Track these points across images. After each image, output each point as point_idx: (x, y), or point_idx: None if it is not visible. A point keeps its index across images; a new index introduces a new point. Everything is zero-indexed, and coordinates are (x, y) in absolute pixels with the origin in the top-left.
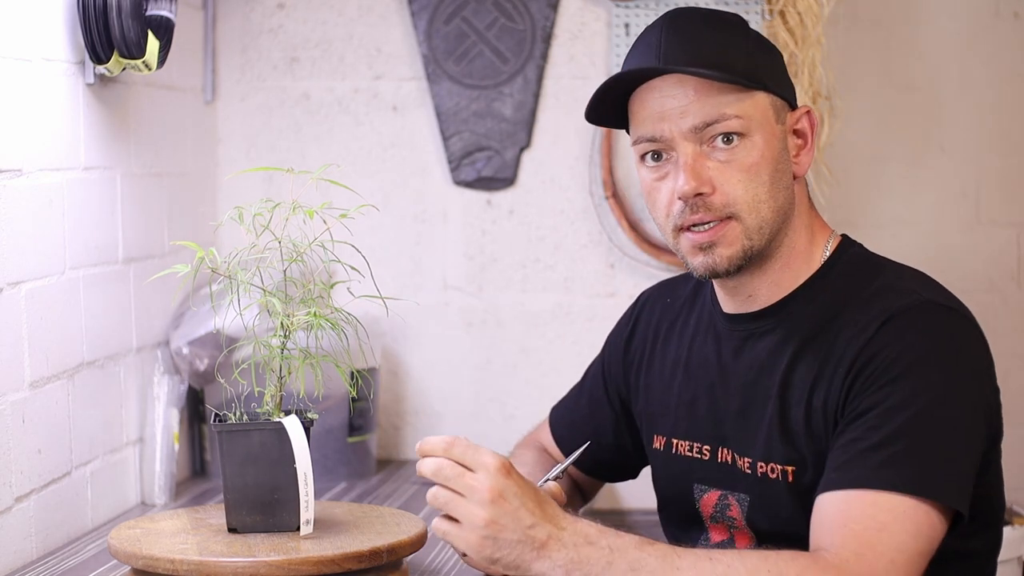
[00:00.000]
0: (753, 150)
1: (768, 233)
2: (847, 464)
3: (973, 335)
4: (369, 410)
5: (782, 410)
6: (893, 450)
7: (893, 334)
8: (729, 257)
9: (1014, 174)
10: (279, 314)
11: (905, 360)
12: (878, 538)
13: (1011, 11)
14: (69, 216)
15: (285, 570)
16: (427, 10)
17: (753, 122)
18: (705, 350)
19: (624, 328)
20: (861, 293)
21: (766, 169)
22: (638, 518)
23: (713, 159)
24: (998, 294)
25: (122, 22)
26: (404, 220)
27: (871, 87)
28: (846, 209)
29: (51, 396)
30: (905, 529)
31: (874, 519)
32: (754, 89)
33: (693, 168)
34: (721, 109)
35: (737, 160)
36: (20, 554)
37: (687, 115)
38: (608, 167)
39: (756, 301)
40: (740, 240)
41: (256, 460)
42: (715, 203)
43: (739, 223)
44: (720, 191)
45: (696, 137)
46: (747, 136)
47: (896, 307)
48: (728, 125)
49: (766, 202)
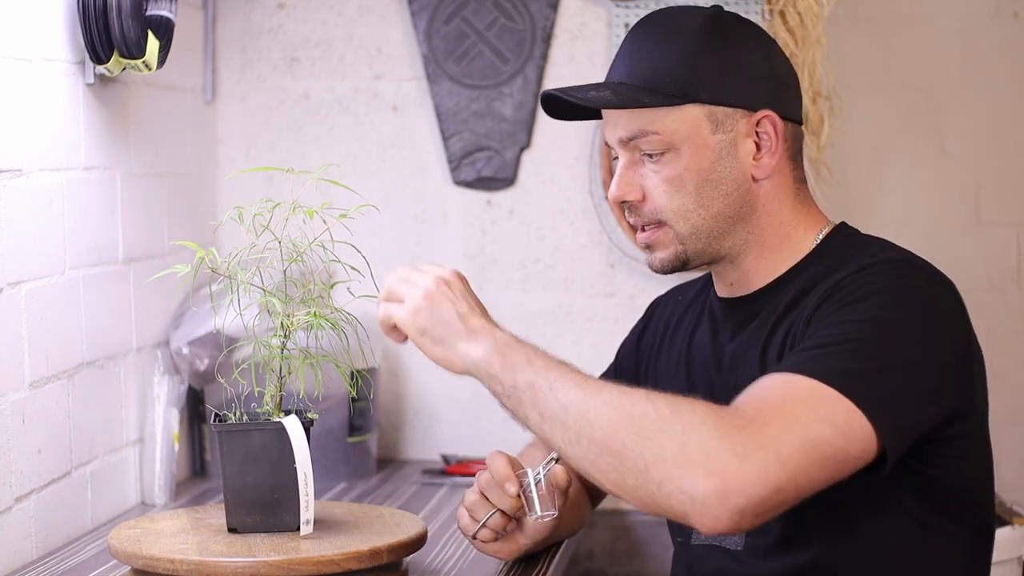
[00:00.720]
0: (676, 163)
1: (706, 237)
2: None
3: (947, 294)
4: (369, 410)
5: (763, 371)
6: (830, 350)
7: (860, 276)
8: (662, 259)
9: (1014, 174)
10: (279, 314)
11: (867, 289)
12: (780, 406)
13: (1011, 11)
14: (69, 216)
15: (285, 570)
16: (427, 10)
17: (677, 136)
18: (704, 336)
19: (638, 325)
20: (846, 262)
21: (691, 180)
22: (638, 518)
23: (647, 168)
24: (998, 294)
25: (122, 22)
26: (404, 220)
27: (871, 87)
28: (846, 209)
29: (51, 396)
30: (816, 411)
31: (790, 392)
32: (683, 103)
33: (622, 176)
34: (641, 126)
35: (661, 172)
36: (20, 554)
37: (616, 127)
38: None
39: (740, 287)
40: (673, 244)
41: (256, 460)
42: (644, 210)
43: (671, 228)
44: (649, 199)
45: (628, 147)
46: (672, 150)
47: (868, 261)
48: (647, 142)
49: (695, 211)
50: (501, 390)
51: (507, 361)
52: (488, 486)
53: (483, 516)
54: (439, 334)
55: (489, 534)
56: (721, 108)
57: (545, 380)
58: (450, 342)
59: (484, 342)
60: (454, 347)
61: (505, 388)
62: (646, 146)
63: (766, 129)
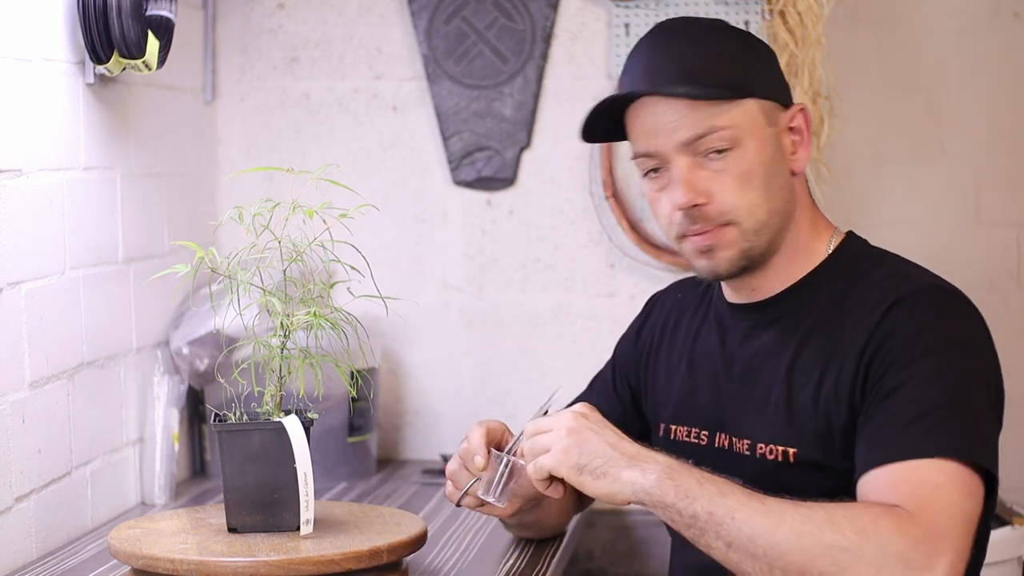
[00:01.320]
0: (745, 157)
1: (767, 234)
2: (887, 440)
3: (979, 318)
4: (369, 410)
5: (788, 394)
6: (931, 421)
7: (903, 315)
8: (729, 259)
9: (1014, 174)
10: (279, 314)
11: (922, 338)
12: (935, 495)
13: (1011, 11)
14: (69, 216)
15: (285, 570)
16: (427, 10)
17: (743, 130)
18: (710, 340)
19: (636, 322)
20: (866, 280)
21: (759, 174)
22: (638, 518)
23: (707, 169)
24: (998, 294)
25: (122, 22)
26: (404, 220)
27: (871, 87)
28: (846, 209)
29: (51, 396)
30: (958, 488)
31: (926, 481)
32: (741, 98)
33: (688, 180)
34: (710, 122)
35: (730, 169)
36: (20, 554)
37: (679, 130)
38: (608, 167)
39: (760, 293)
40: (739, 243)
41: (256, 460)
42: (711, 213)
43: (736, 228)
44: (715, 200)
45: (689, 149)
46: (738, 145)
47: (903, 290)
48: (719, 137)
49: (761, 206)
50: (679, 519)
51: (680, 489)
52: (466, 456)
53: (463, 485)
54: (598, 467)
55: (472, 500)
56: (768, 103)
57: (724, 508)
58: (613, 473)
59: (652, 469)
60: (618, 477)
61: (684, 518)
62: (716, 143)
63: (799, 123)
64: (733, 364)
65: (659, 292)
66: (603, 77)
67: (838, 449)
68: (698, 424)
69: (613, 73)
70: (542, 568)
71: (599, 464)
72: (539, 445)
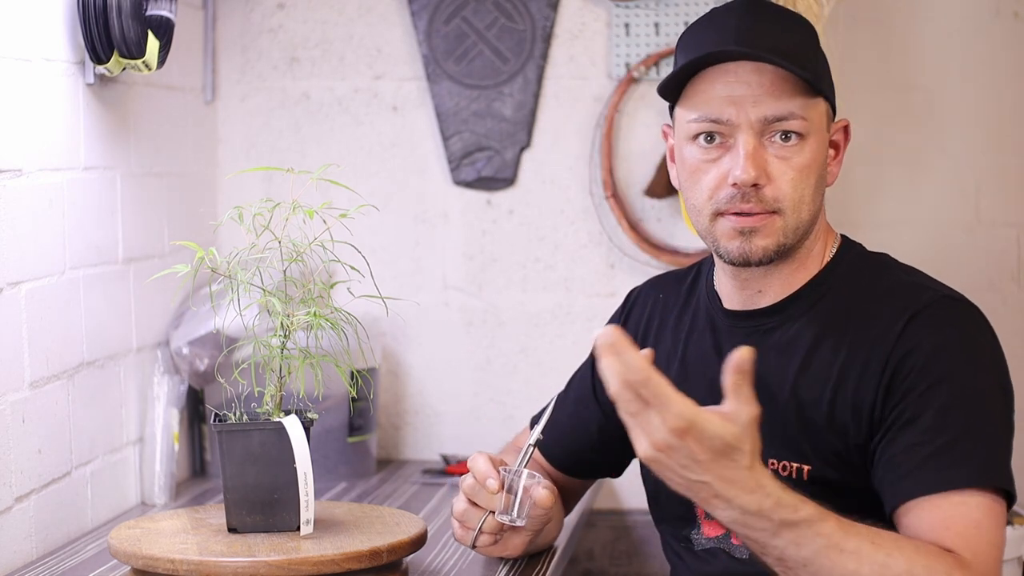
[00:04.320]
0: (808, 152)
1: (801, 234)
2: (921, 468)
3: (988, 326)
4: (369, 410)
5: (798, 409)
6: (962, 449)
7: (921, 332)
8: (764, 248)
9: (1014, 174)
10: (279, 314)
11: (942, 359)
12: (981, 537)
13: (1011, 11)
14: (69, 216)
15: (285, 570)
16: (427, 10)
17: (813, 125)
18: (703, 346)
19: (616, 318)
20: (874, 291)
21: (814, 173)
22: (638, 518)
23: (770, 153)
24: (998, 294)
25: (122, 22)
26: (404, 220)
27: (871, 87)
28: (846, 209)
29: (51, 396)
30: (994, 522)
31: (969, 518)
32: (817, 94)
33: (754, 158)
34: (791, 107)
35: (793, 159)
36: (20, 554)
37: (759, 105)
38: (608, 167)
39: (763, 298)
40: (778, 235)
41: (256, 460)
42: (766, 195)
43: (781, 219)
44: (773, 185)
45: (761, 128)
46: (806, 138)
47: (916, 305)
48: (794, 124)
49: (808, 204)
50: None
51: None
52: (473, 491)
53: (476, 523)
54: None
55: (488, 539)
56: (829, 107)
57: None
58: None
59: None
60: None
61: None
62: (793, 127)
63: (839, 138)
64: None
65: (638, 288)
66: (603, 77)
67: (853, 467)
68: None
69: (613, 73)
70: (542, 568)
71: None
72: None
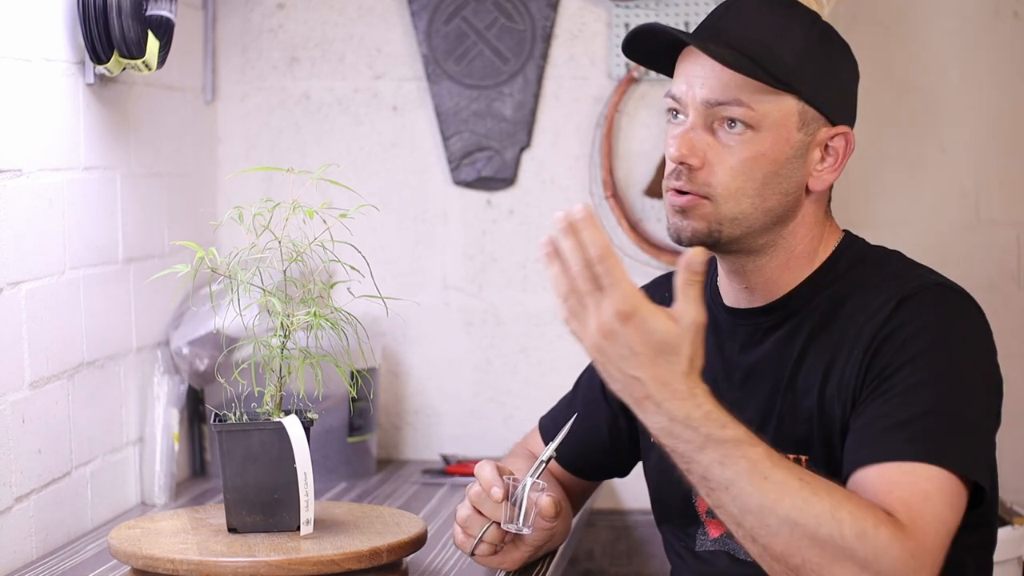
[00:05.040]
0: (757, 145)
1: (744, 227)
2: (878, 438)
3: (982, 317)
4: (369, 410)
5: (793, 401)
6: (923, 425)
7: (907, 314)
8: (693, 230)
9: (1014, 174)
10: (279, 314)
11: (923, 339)
12: (924, 506)
13: (1011, 11)
14: (69, 216)
15: (285, 570)
16: (427, 10)
17: (767, 119)
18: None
19: None
20: (870, 280)
21: (761, 168)
22: (638, 518)
23: (718, 138)
24: (998, 294)
25: (122, 22)
26: (404, 220)
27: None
28: (846, 209)
29: (51, 396)
30: (943, 500)
31: (917, 487)
32: (782, 90)
33: (687, 137)
34: (737, 94)
35: (736, 148)
36: (20, 554)
37: (705, 87)
38: (608, 167)
39: (755, 296)
40: (708, 220)
41: (256, 460)
42: (698, 178)
43: (712, 205)
44: (708, 169)
45: (706, 111)
46: (755, 130)
47: (908, 289)
48: (737, 112)
49: (750, 198)
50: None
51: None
52: (479, 499)
53: (478, 531)
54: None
55: (488, 548)
56: (811, 109)
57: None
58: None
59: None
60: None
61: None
62: (736, 114)
63: (837, 144)
64: (733, 370)
65: (642, 288)
66: (603, 77)
67: (839, 449)
68: None
69: (613, 73)
70: (542, 568)
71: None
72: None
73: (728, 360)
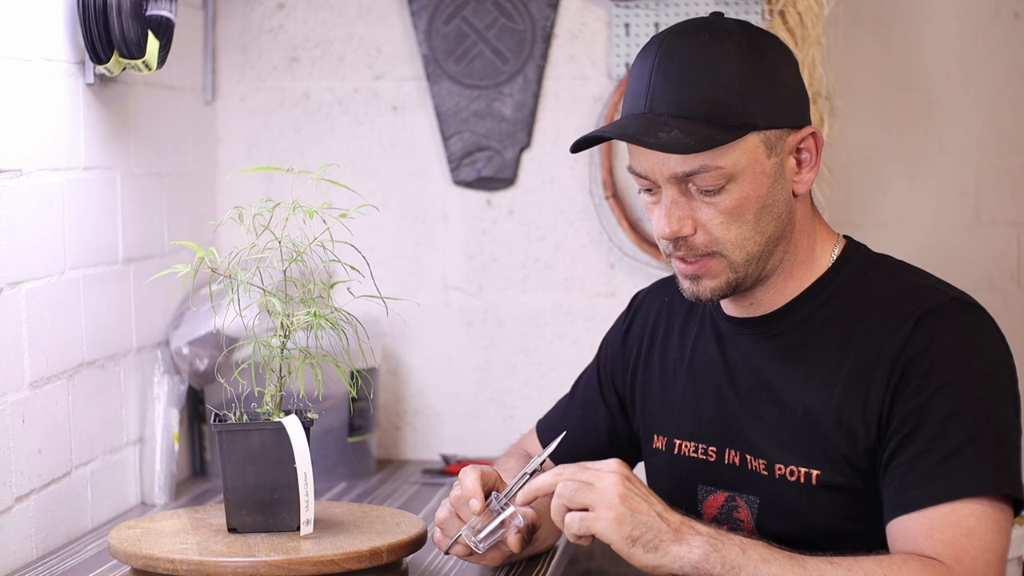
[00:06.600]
0: (736, 193)
1: (756, 263)
2: (916, 484)
3: (997, 330)
4: (369, 410)
5: (806, 412)
6: (960, 460)
7: (930, 334)
8: (713, 288)
9: (1014, 174)
10: (279, 314)
11: (950, 364)
12: (968, 544)
13: (1011, 11)
14: (69, 216)
15: (285, 570)
16: (427, 10)
17: (738, 168)
18: (709, 351)
19: (620, 325)
20: (882, 293)
21: (751, 208)
22: None
23: (698, 199)
24: (998, 294)
25: (122, 22)
26: (404, 220)
27: (871, 87)
28: (846, 209)
29: (51, 396)
30: (989, 529)
31: (959, 526)
32: (740, 136)
33: (672, 211)
34: (701, 160)
35: (720, 203)
36: (20, 554)
37: (667, 162)
38: (608, 167)
39: (758, 309)
40: (725, 273)
41: (256, 460)
42: (697, 243)
43: (724, 258)
44: (703, 231)
45: (677, 182)
46: (732, 180)
47: (926, 306)
48: (709, 177)
49: (752, 238)
50: None
51: (726, 560)
52: (458, 504)
53: (453, 533)
54: (650, 540)
55: (462, 549)
56: (774, 131)
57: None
58: (663, 548)
59: (697, 543)
60: (668, 552)
61: None
62: (708, 182)
63: (808, 146)
64: (738, 378)
65: (643, 291)
66: (603, 77)
67: (862, 471)
68: (705, 440)
69: (613, 73)
70: (542, 568)
71: (651, 538)
72: (581, 502)
73: (732, 368)
